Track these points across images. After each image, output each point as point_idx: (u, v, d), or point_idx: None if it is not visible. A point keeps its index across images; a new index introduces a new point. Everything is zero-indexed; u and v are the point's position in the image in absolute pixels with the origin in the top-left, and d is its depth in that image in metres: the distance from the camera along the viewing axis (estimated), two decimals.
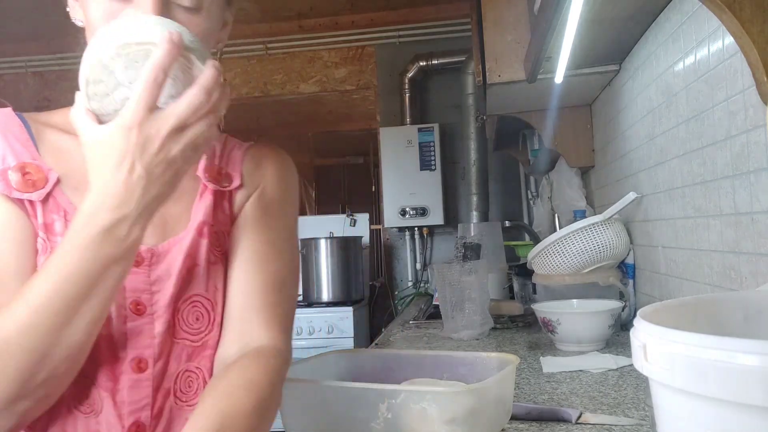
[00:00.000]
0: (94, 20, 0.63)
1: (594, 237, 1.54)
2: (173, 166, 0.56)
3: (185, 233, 0.72)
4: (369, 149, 5.85)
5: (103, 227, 0.56)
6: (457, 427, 0.69)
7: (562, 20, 1.11)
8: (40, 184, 0.65)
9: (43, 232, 0.65)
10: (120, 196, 0.55)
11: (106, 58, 0.54)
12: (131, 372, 0.67)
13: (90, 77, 0.55)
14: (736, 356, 0.38)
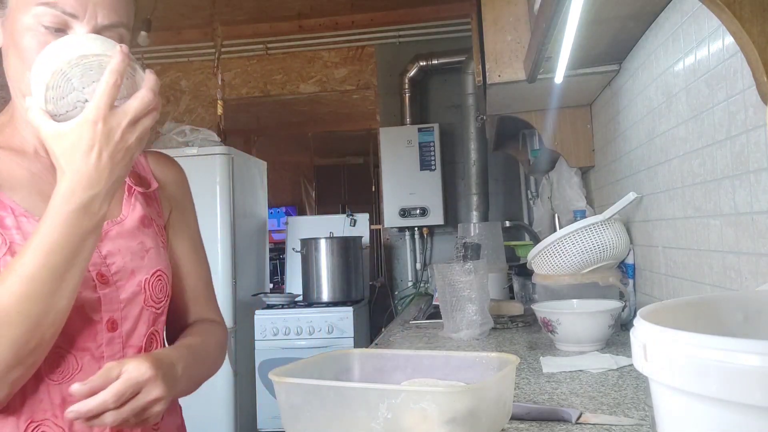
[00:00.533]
0: (28, 48, 0.73)
1: (594, 237, 1.54)
2: (130, 152, 0.69)
3: (121, 219, 0.85)
4: (369, 149, 5.85)
5: (80, 204, 0.67)
6: (457, 427, 0.69)
7: (562, 20, 1.11)
8: None
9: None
10: (91, 177, 0.67)
11: (66, 67, 0.65)
12: (106, 331, 0.79)
13: (49, 83, 0.66)
14: (736, 356, 0.37)
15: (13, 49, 0.75)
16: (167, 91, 4.12)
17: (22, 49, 0.74)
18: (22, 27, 0.74)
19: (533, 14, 1.33)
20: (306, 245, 3.39)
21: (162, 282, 0.87)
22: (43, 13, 0.73)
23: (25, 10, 0.74)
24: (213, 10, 3.56)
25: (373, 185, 5.76)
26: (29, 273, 0.65)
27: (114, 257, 0.82)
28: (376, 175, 5.07)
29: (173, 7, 3.58)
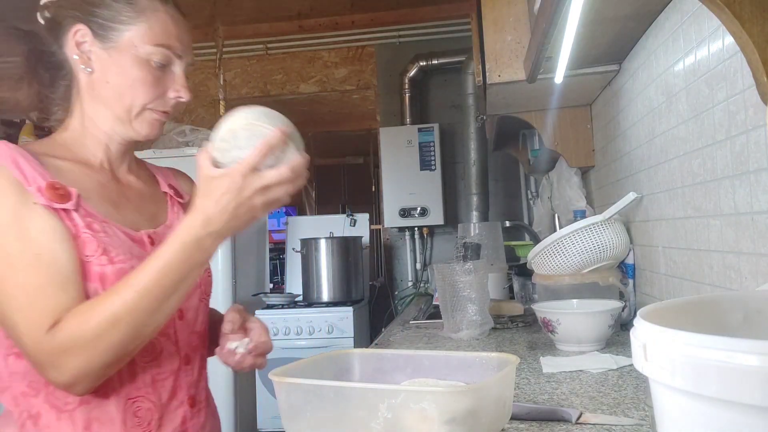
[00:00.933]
0: (139, 78, 0.89)
1: (594, 237, 1.54)
2: (252, 211, 0.79)
3: (170, 223, 0.97)
4: (369, 149, 5.85)
5: (195, 237, 0.77)
6: (457, 427, 0.69)
7: (562, 20, 1.11)
8: (68, 197, 0.83)
9: (88, 230, 0.83)
10: (212, 218, 0.77)
11: (238, 128, 0.78)
12: (177, 319, 0.93)
13: (222, 136, 0.78)
14: (736, 356, 0.37)
15: (119, 77, 0.89)
16: None
17: (133, 78, 0.89)
18: (135, 60, 0.88)
19: (533, 14, 1.33)
20: (306, 245, 3.39)
21: (209, 279, 1.02)
22: (156, 52, 0.89)
23: (140, 47, 0.88)
24: (213, 10, 3.56)
25: (373, 185, 5.76)
26: (142, 288, 0.76)
27: None
28: (376, 175, 5.06)
29: None
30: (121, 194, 0.95)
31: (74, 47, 0.90)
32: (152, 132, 0.95)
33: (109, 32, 0.89)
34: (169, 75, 0.92)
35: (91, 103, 0.92)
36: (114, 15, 0.88)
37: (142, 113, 0.92)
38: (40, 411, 0.82)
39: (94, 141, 0.94)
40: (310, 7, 3.66)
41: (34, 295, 0.77)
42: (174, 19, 0.92)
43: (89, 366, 0.76)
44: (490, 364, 0.86)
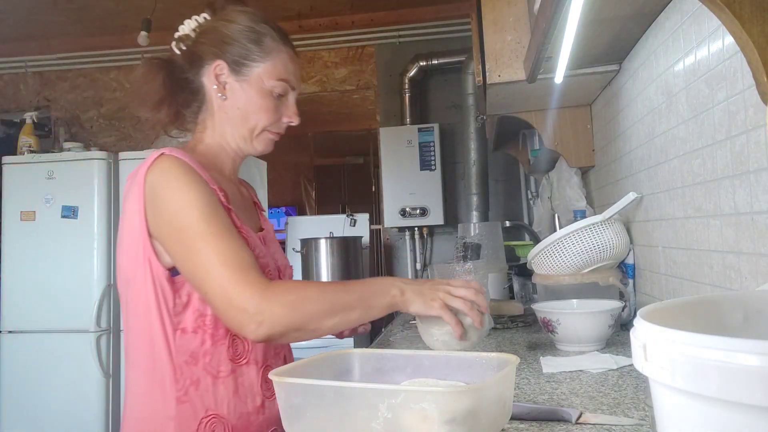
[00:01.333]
0: (265, 107, 1.09)
1: (594, 237, 1.54)
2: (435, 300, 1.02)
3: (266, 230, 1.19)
4: (369, 149, 5.85)
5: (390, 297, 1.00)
6: (457, 427, 0.69)
7: (562, 20, 1.11)
8: (228, 201, 1.03)
9: (242, 228, 1.02)
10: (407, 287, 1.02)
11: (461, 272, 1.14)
12: None
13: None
14: (736, 356, 0.37)
15: (247, 104, 1.09)
16: None
17: (258, 106, 1.09)
18: (260, 91, 1.09)
19: (533, 14, 1.33)
20: (306, 245, 3.39)
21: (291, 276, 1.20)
22: (278, 85, 1.10)
23: (266, 81, 1.09)
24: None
25: (373, 185, 5.76)
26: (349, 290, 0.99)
27: (275, 255, 1.14)
28: (376, 175, 5.06)
29: (173, 7, 3.58)
30: (243, 202, 1.16)
31: (213, 78, 1.09)
32: (266, 149, 1.15)
33: (242, 68, 1.09)
34: (284, 103, 1.12)
35: (221, 123, 1.11)
36: (247, 54, 1.08)
37: (261, 134, 1.12)
38: (200, 377, 0.97)
39: (224, 154, 1.13)
40: (310, 7, 3.66)
41: (237, 253, 0.93)
42: (291, 57, 1.13)
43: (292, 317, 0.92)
44: (490, 364, 0.86)
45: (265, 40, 1.10)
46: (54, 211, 3.29)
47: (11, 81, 4.23)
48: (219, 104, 1.10)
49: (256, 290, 0.90)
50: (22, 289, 3.28)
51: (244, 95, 1.09)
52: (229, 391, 0.99)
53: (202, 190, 0.97)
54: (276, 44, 1.11)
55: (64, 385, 3.18)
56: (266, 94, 1.09)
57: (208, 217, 0.94)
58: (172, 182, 0.96)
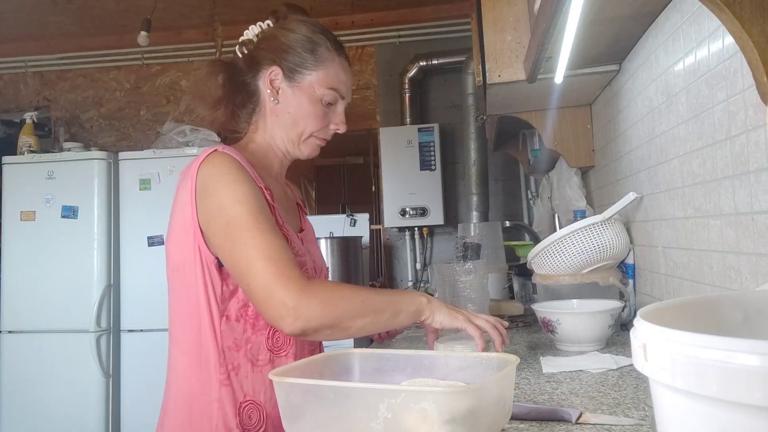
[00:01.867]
0: (313, 113, 1.15)
1: (594, 237, 1.54)
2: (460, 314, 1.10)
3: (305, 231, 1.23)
4: (369, 149, 5.84)
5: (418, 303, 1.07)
6: (457, 427, 0.69)
7: (562, 20, 1.11)
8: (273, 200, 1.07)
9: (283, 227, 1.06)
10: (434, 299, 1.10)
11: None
12: None
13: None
14: (736, 356, 0.37)
15: (298, 109, 1.14)
16: (167, 91, 4.12)
17: (308, 111, 1.14)
18: (311, 98, 1.14)
19: (533, 14, 1.33)
20: None
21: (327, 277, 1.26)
22: (328, 93, 1.16)
23: (317, 89, 1.14)
24: (213, 10, 3.56)
25: (373, 185, 5.76)
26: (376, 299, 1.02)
27: (313, 255, 1.18)
28: (376, 175, 5.06)
29: (173, 7, 3.58)
30: (287, 203, 1.20)
31: (268, 83, 1.14)
32: (312, 153, 1.20)
33: (296, 75, 1.14)
34: (333, 111, 1.18)
35: (272, 125, 1.16)
36: (301, 62, 1.14)
37: (308, 138, 1.17)
38: (240, 363, 1.02)
39: (273, 155, 1.18)
40: (310, 7, 3.66)
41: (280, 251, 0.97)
42: (344, 67, 1.20)
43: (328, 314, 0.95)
44: (490, 364, 0.86)
45: (320, 50, 1.16)
46: (54, 211, 3.29)
47: (11, 81, 4.23)
48: (271, 108, 1.15)
49: (295, 286, 0.93)
50: (22, 289, 3.28)
51: (296, 101, 1.14)
52: (266, 380, 1.03)
53: (250, 186, 1.01)
54: (330, 54, 1.17)
55: (64, 385, 3.18)
56: (316, 101, 1.14)
57: (255, 213, 0.98)
58: (223, 176, 1.01)
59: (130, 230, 3.27)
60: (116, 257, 3.31)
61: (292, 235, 1.09)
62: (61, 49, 4.12)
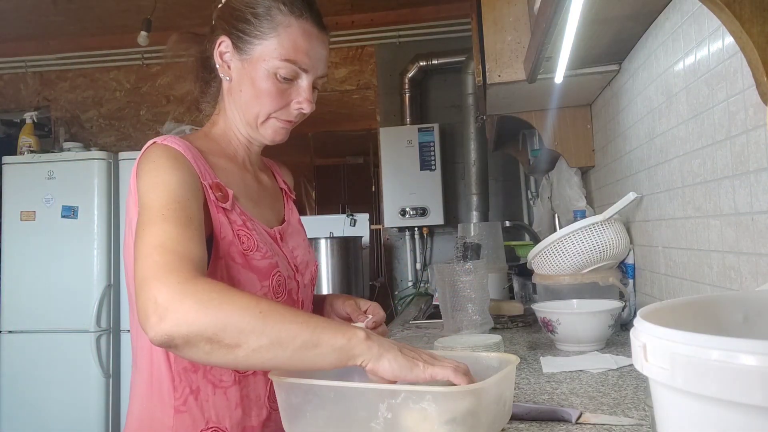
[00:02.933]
0: (266, 91, 0.95)
1: (594, 237, 1.54)
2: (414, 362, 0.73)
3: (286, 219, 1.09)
4: (369, 149, 5.85)
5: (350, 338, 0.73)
6: (458, 426, 0.69)
7: (562, 20, 1.10)
8: (226, 198, 0.93)
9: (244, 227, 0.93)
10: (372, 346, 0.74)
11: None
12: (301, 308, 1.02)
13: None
14: (736, 356, 0.37)
15: (250, 87, 0.96)
16: (167, 91, 4.12)
17: (260, 90, 0.96)
18: (263, 73, 0.95)
19: (533, 14, 1.33)
20: None
21: (316, 269, 1.12)
22: (283, 66, 0.94)
23: (268, 61, 0.94)
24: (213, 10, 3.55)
25: (373, 185, 5.76)
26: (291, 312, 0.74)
27: (297, 251, 1.05)
28: (376, 175, 5.06)
29: (173, 7, 3.58)
30: (259, 194, 1.06)
31: (218, 56, 0.99)
32: (277, 137, 1.02)
33: (245, 45, 0.96)
34: (295, 87, 0.98)
35: (230, 107, 1.01)
36: (251, 29, 0.95)
37: (267, 121, 0.99)
38: (200, 386, 0.90)
39: (236, 141, 1.04)
40: None
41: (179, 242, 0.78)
42: (306, 34, 0.96)
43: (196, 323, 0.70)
44: (490, 364, 0.86)
45: (272, 12, 0.95)
46: (54, 211, 3.29)
47: (11, 81, 4.23)
48: (227, 86, 1.00)
49: (175, 279, 0.72)
50: (22, 289, 3.28)
51: (247, 77, 0.96)
52: (231, 403, 0.92)
53: (178, 176, 0.86)
54: (285, 18, 0.95)
55: (64, 385, 3.18)
56: (270, 77, 0.95)
57: (165, 201, 0.82)
58: (150, 165, 0.87)
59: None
60: (116, 257, 3.31)
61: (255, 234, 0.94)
62: (61, 49, 4.12)
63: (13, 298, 3.29)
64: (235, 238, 0.91)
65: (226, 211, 0.92)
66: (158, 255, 0.75)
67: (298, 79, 0.97)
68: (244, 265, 0.91)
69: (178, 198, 0.84)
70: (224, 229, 0.91)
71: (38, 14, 3.68)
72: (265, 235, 0.98)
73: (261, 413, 0.95)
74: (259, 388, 0.95)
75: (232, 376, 0.92)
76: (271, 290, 0.95)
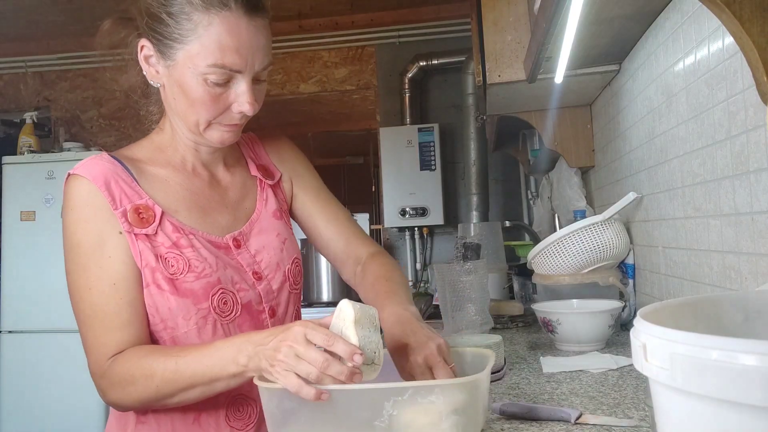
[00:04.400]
0: (198, 98, 0.86)
1: (594, 237, 1.54)
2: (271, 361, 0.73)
3: (255, 216, 1.00)
4: (369, 149, 5.85)
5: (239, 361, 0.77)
6: (461, 417, 0.70)
7: (562, 20, 1.10)
8: (150, 220, 0.89)
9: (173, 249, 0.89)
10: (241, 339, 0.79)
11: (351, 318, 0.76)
12: (269, 318, 0.96)
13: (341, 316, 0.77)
14: (736, 356, 0.37)
15: (181, 95, 0.87)
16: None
17: (192, 98, 0.87)
18: (191, 80, 0.85)
19: (533, 14, 1.33)
20: (306, 245, 3.39)
21: (298, 267, 1.03)
22: (211, 71, 0.84)
23: (194, 68, 0.84)
24: None
25: (373, 185, 5.76)
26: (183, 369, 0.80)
27: (261, 254, 0.98)
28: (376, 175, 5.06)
29: None
30: (213, 199, 0.98)
31: (143, 61, 0.89)
32: (226, 140, 0.93)
33: (167, 49, 0.86)
34: (233, 90, 0.87)
35: (170, 112, 0.94)
36: (169, 31, 0.84)
37: (209, 127, 0.90)
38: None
39: (183, 145, 0.96)
40: (310, 7, 3.66)
41: (105, 321, 0.85)
42: (232, 28, 0.83)
43: (127, 401, 0.85)
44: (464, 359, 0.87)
45: (187, 9, 0.83)
46: (54, 211, 3.29)
47: (11, 81, 4.23)
48: (162, 92, 0.92)
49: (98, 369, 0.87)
50: (22, 289, 3.28)
51: (177, 84, 0.87)
52: (188, 418, 0.90)
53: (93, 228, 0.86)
54: (204, 15, 0.82)
55: (64, 385, 3.18)
56: (200, 83, 0.85)
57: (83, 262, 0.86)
58: (68, 213, 0.88)
59: None
60: None
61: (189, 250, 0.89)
62: (61, 49, 4.12)
63: (13, 298, 3.29)
64: (159, 263, 0.87)
65: (148, 236, 0.88)
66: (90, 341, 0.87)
67: (232, 80, 0.86)
68: (172, 291, 0.87)
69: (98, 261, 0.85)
70: (144, 255, 0.87)
71: (38, 14, 3.68)
72: (207, 250, 0.91)
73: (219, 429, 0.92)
74: (219, 406, 0.92)
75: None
76: (213, 311, 0.89)
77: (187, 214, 0.93)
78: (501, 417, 0.90)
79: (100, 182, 0.87)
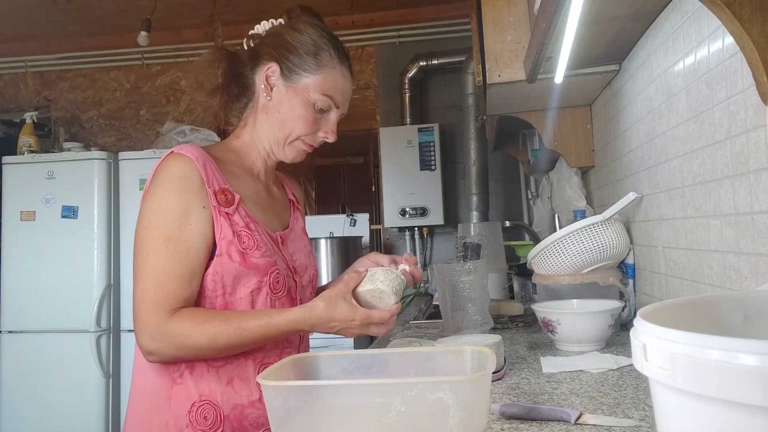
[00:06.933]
0: (303, 117, 1.12)
1: (594, 237, 1.54)
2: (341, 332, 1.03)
3: (291, 226, 1.22)
4: (369, 149, 5.85)
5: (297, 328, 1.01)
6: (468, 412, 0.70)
7: (562, 20, 1.11)
8: (231, 202, 1.06)
9: (246, 229, 1.06)
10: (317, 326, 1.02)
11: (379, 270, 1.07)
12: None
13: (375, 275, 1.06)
14: (736, 356, 0.37)
15: (289, 110, 1.12)
16: (167, 91, 4.12)
17: (297, 114, 1.12)
18: (304, 101, 1.12)
19: (533, 14, 1.33)
20: None
21: (316, 275, 1.25)
22: (321, 100, 1.13)
23: (311, 93, 1.12)
24: (213, 10, 3.55)
25: (373, 185, 5.76)
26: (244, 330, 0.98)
27: (296, 255, 1.18)
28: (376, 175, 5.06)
29: (173, 7, 3.58)
30: (268, 202, 1.19)
31: (264, 78, 1.13)
32: (297, 158, 1.17)
33: (293, 75, 1.12)
34: (325, 118, 1.15)
35: (261, 122, 1.15)
36: (301, 63, 1.12)
37: (294, 142, 1.15)
38: (195, 363, 1.02)
39: (256, 154, 1.17)
40: None
41: (174, 278, 0.97)
42: (344, 76, 1.15)
43: (175, 356, 0.98)
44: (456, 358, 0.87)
45: (322, 54, 1.13)
46: (54, 211, 3.29)
47: (11, 81, 4.23)
48: (263, 104, 1.14)
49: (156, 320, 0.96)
50: (22, 289, 3.28)
51: (288, 101, 1.12)
52: (222, 380, 1.03)
53: (184, 200, 1.01)
54: (332, 61, 1.14)
55: (64, 385, 3.18)
56: (308, 105, 1.12)
57: (171, 230, 0.99)
58: (163, 181, 1.02)
59: (130, 230, 3.25)
60: (116, 257, 3.31)
61: (256, 234, 1.07)
62: (61, 49, 4.12)
63: (13, 298, 3.29)
64: (234, 237, 1.03)
65: (229, 214, 1.05)
66: (151, 293, 0.96)
67: (330, 111, 1.15)
68: (242, 263, 1.03)
69: (180, 226, 0.99)
70: (224, 230, 1.03)
71: (38, 14, 3.68)
72: (267, 237, 1.10)
73: (252, 393, 1.04)
74: (248, 370, 1.05)
75: (224, 357, 1.03)
76: (269, 286, 1.07)
77: (254, 207, 1.11)
78: (501, 417, 0.90)
79: (201, 163, 1.03)
